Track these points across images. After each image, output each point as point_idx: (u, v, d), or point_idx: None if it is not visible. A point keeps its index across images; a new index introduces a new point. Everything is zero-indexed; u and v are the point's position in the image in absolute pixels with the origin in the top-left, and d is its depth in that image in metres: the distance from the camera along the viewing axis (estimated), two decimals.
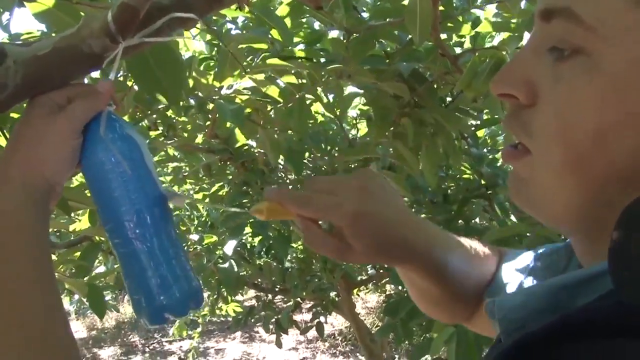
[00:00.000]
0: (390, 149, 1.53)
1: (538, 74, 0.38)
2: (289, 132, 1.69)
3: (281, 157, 1.75)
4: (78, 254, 1.49)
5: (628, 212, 0.31)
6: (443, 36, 1.24)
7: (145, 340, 6.36)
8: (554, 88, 0.37)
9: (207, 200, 2.77)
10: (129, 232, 0.49)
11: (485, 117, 1.57)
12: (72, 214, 1.22)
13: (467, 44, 1.41)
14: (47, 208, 0.49)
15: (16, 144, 0.50)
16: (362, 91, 1.50)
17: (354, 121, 2.47)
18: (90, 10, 0.66)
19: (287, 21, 1.26)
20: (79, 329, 6.75)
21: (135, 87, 1.21)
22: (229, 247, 1.78)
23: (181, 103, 1.64)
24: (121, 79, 1.23)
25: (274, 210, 0.54)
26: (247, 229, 2.10)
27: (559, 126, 0.36)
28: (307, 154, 1.93)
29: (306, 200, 0.53)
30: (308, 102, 1.52)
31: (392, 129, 1.43)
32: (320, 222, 0.55)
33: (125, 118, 1.54)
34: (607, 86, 0.34)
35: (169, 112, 1.81)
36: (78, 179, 1.49)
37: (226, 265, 1.76)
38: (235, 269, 1.82)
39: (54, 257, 1.50)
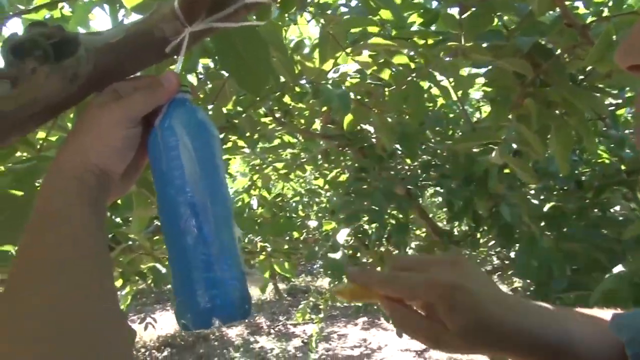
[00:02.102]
0: (514, 133, 1.44)
1: None
2: (406, 116, 1.67)
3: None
4: None
5: None
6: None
7: (271, 322, 6.70)
8: None
9: (326, 186, 2.83)
10: (183, 225, 0.48)
11: (627, 95, 1.41)
12: None
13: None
14: (102, 199, 0.48)
15: (72, 133, 0.50)
16: (482, 71, 1.43)
17: (478, 104, 2.36)
18: None
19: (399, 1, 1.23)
20: None
21: None
22: (341, 235, 1.79)
23: (296, 89, 1.69)
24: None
25: (358, 291, 0.52)
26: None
27: None
28: (426, 139, 1.89)
29: (394, 279, 0.50)
30: (425, 84, 1.48)
31: (515, 110, 1.34)
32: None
33: (230, 106, 1.61)
34: None
35: (286, 99, 1.87)
36: None
37: (337, 255, 1.77)
38: (346, 259, 1.83)
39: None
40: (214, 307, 0.47)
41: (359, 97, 1.50)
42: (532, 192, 1.62)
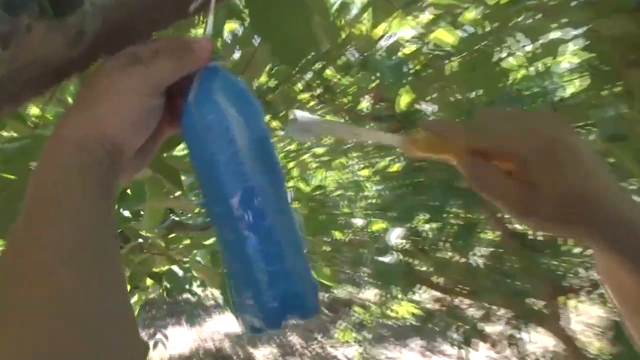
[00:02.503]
0: (613, 113, 1.40)
1: None
2: (473, 93, 1.64)
3: None
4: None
5: None
6: None
7: (305, 342, 6.74)
8: None
9: (375, 177, 2.82)
10: (235, 214, 0.49)
11: None
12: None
13: None
14: (112, 179, 0.48)
15: (79, 101, 0.49)
16: (571, 34, 1.39)
17: (564, 78, 2.29)
18: None
19: None
20: (233, 323, 7.36)
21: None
22: (393, 235, 1.79)
23: (341, 60, 1.69)
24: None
25: (433, 143, 0.51)
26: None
27: None
28: None
29: (480, 126, 0.49)
30: (499, 53, 1.45)
31: (614, 84, 1.31)
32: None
33: (263, 78, 1.62)
34: None
35: (328, 71, 1.87)
36: None
37: (388, 258, 1.77)
38: (398, 263, 1.82)
39: (187, 239, 1.65)
40: (285, 304, 0.48)
41: (416, 69, 1.49)
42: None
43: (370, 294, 7.54)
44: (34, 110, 0.97)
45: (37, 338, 0.36)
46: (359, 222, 2.62)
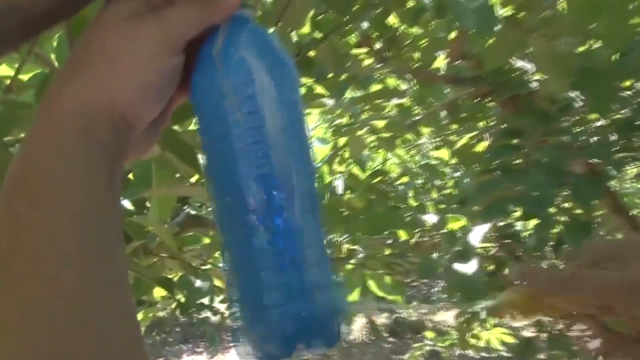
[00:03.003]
0: None
1: None
2: (590, 42, 1.60)
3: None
4: None
5: None
6: None
7: None
8: None
9: (453, 160, 2.79)
10: (254, 207, 0.49)
11: None
12: None
13: None
14: (120, 160, 0.49)
15: (76, 61, 0.50)
16: None
17: None
18: None
19: None
20: None
21: None
22: (477, 234, 1.76)
23: (408, 3, 1.67)
24: None
25: (530, 303, 0.53)
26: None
27: None
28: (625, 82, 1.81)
29: (583, 279, 0.50)
30: None
31: None
32: None
33: (305, 29, 1.61)
34: None
35: (391, 19, 1.86)
36: None
37: (468, 266, 1.75)
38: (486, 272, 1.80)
39: (206, 238, 1.66)
40: (298, 326, 0.49)
41: (509, 12, 1.46)
42: None
43: (446, 315, 7.52)
44: (4, 70, 0.98)
45: (37, 339, 0.39)
46: (431, 218, 2.59)
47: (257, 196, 0.49)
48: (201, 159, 1.13)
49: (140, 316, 2.30)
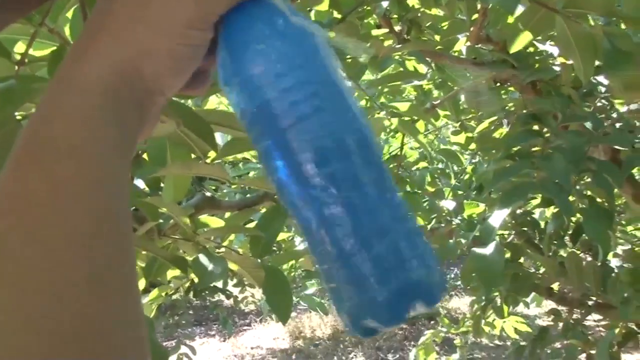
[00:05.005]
0: None
1: None
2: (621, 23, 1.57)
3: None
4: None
5: None
6: None
7: None
8: None
9: (472, 145, 2.78)
10: (312, 183, 0.49)
11: None
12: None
13: None
14: (136, 133, 0.48)
15: (97, 27, 0.48)
16: None
17: None
18: None
19: None
20: (278, 335, 7.48)
21: None
22: (497, 218, 1.74)
23: None
24: None
25: None
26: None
27: None
28: None
29: None
30: None
31: None
32: None
33: (322, 6, 1.60)
34: None
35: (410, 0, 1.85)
36: None
37: (488, 249, 1.72)
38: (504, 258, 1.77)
39: (220, 221, 1.65)
40: (403, 293, 0.49)
41: None
42: None
43: (461, 301, 7.52)
44: (20, 48, 0.97)
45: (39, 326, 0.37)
46: (448, 204, 2.58)
47: (315, 164, 0.49)
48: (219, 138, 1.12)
49: (152, 295, 2.31)
